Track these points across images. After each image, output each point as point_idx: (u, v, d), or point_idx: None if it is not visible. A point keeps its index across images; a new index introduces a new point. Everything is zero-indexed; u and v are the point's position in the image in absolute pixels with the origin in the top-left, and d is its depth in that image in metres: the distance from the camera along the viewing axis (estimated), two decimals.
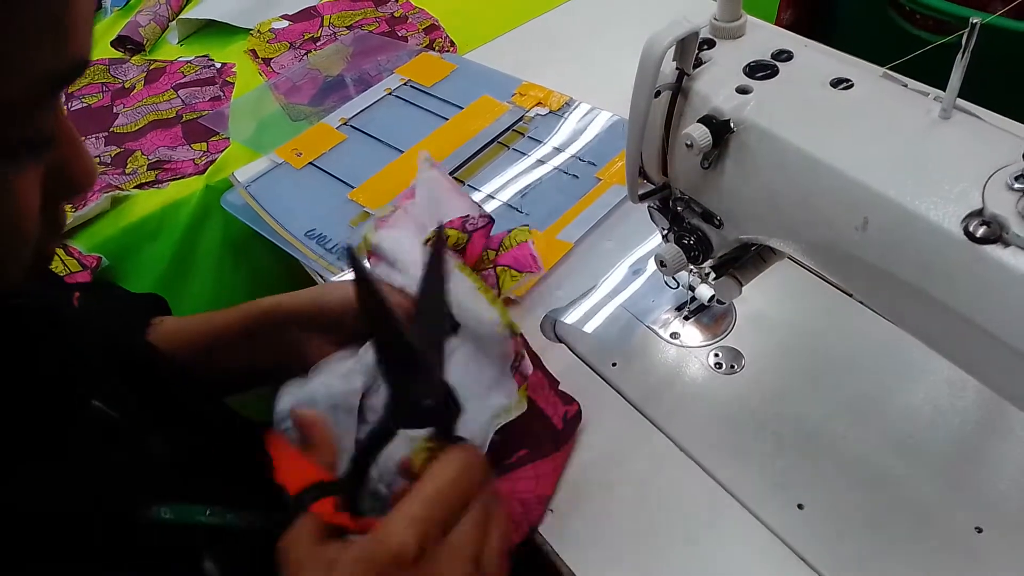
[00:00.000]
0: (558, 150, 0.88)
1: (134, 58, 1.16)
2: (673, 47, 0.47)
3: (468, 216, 0.61)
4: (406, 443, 0.42)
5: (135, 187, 0.91)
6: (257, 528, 0.47)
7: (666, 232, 0.58)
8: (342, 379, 0.59)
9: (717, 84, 0.48)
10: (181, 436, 0.46)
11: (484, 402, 0.57)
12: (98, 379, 0.42)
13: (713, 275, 0.59)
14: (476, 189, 0.85)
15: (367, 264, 0.64)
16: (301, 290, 0.63)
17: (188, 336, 0.60)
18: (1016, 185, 0.37)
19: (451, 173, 0.86)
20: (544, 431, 0.60)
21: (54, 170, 0.32)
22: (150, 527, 0.40)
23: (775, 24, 1.36)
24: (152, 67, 1.12)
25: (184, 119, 1.01)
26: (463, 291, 0.57)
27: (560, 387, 0.63)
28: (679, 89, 0.49)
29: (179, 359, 0.58)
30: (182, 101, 1.04)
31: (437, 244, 0.47)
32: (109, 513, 0.37)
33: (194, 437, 0.48)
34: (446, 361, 0.45)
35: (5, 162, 0.28)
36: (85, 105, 1.06)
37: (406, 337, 0.42)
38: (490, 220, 0.63)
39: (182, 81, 1.08)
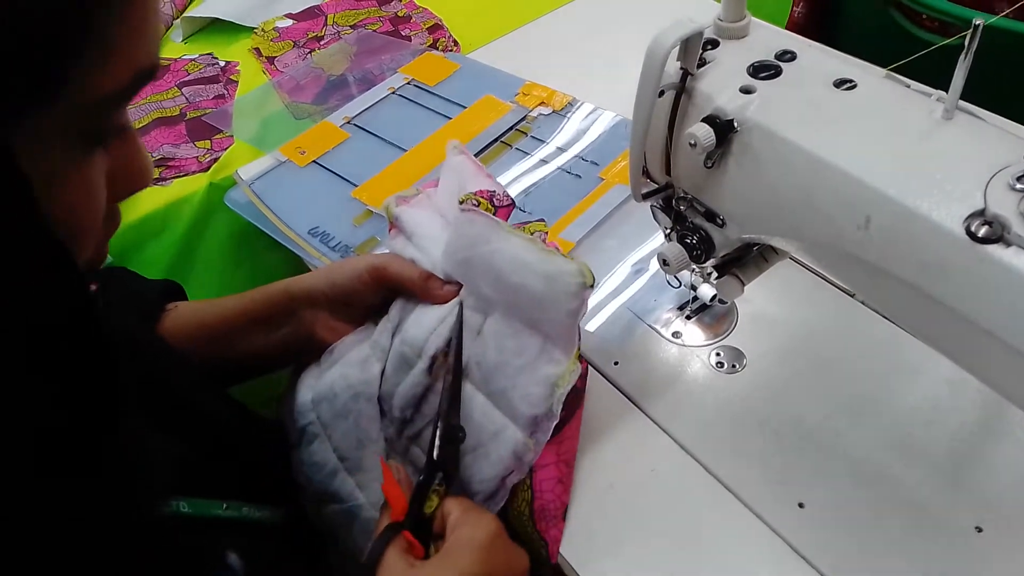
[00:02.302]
0: (561, 150, 0.89)
1: None
2: (677, 47, 0.47)
3: (495, 192, 0.61)
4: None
5: None
6: (272, 522, 0.47)
7: (669, 231, 0.58)
8: (359, 367, 0.60)
9: (721, 84, 0.48)
10: (195, 432, 0.47)
11: (534, 374, 0.55)
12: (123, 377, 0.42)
13: (715, 274, 0.59)
14: None
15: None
16: (309, 273, 0.64)
17: (202, 322, 0.61)
18: (1018, 185, 0.37)
19: None
20: (572, 392, 0.59)
21: (115, 169, 0.33)
22: (170, 521, 0.40)
23: (788, 18, 1.37)
24: None
25: (188, 117, 1.01)
26: (522, 249, 0.55)
27: None
28: (683, 89, 0.50)
29: (195, 346, 0.59)
30: (186, 99, 1.05)
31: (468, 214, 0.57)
32: (129, 507, 0.37)
33: (208, 433, 0.48)
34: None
35: (84, 147, 0.30)
36: None
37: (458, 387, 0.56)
38: (512, 203, 0.63)
39: (186, 79, 1.08)
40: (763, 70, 0.48)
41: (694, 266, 0.58)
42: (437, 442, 0.54)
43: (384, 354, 0.60)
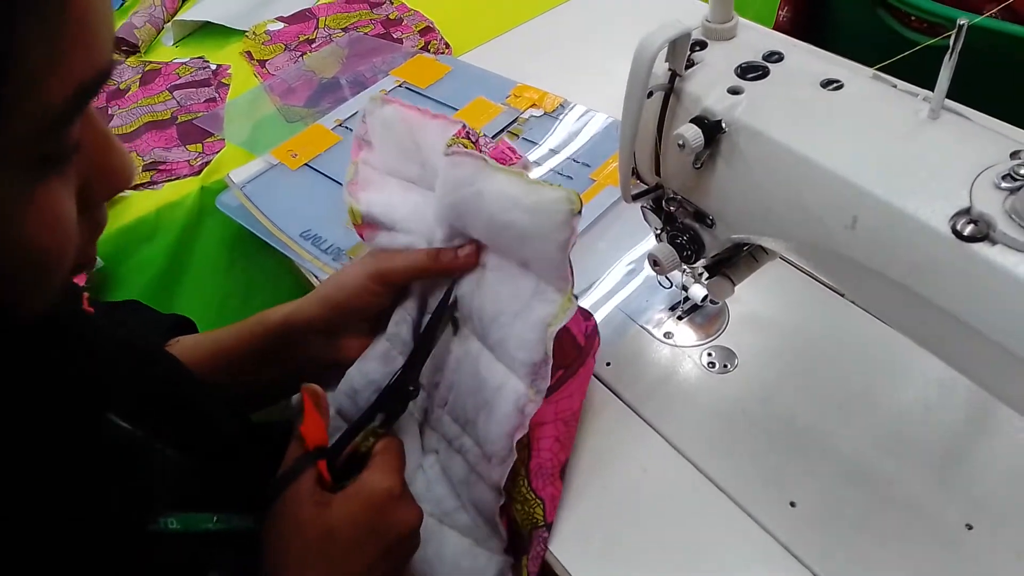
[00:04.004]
0: (553, 152, 0.89)
1: (129, 59, 1.16)
2: (665, 48, 0.47)
3: (464, 127, 0.59)
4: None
5: (130, 188, 0.91)
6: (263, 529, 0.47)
7: (659, 232, 0.59)
8: (380, 361, 0.58)
9: (709, 85, 0.48)
10: (193, 444, 0.46)
11: (528, 317, 0.54)
12: (112, 388, 0.42)
13: (706, 275, 0.59)
14: None
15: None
16: (305, 297, 0.61)
17: (202, 356, 0.59)
18: (1003, 184, 0.37)
19: None
20: (572, 349, 0.57)
21: (91, 171, 0.31)
22: (156, 539, 0.40)
23: (774, 21, 1.37)
24: (147, 68, 1.12)
25: (179, 120, 1.01)
26: (508, 184, 0.53)
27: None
28: (671, 90, 0.50)
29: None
30: (177, 103, 1.05)
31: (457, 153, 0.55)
32: (115, 526, 0.36)
33: (206, 445, 0.48)
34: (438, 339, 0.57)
35: (33, 176, 0.28)
36: None
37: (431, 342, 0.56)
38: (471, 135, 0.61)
39: (177, 82, 1.08)
40: (751, 71, 0.48)
41: (685, 267, 0.58)
42: (388, 383, 0.55)
43: (405, 346, 0.59)
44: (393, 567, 0.50)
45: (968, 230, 0.37)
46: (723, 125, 0.47)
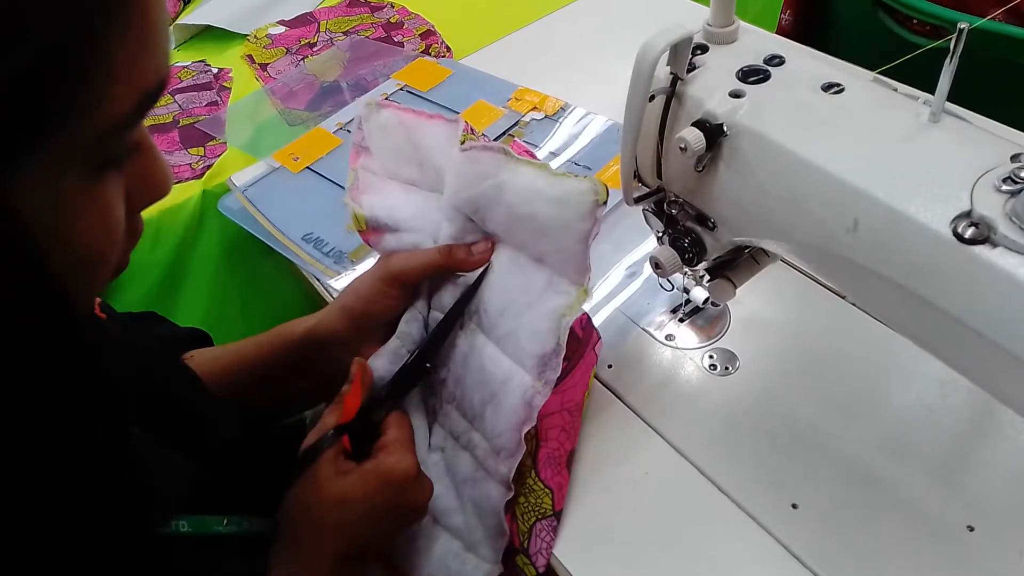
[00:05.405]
0: (554, 155, 0.89)
1: None
2: (667, 52, 0.48)
3: (467, 125, 0.59)
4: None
5: None
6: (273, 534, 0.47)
7: (661, 235, 0.59)
8: (389, 359, 0.58)
9: (710, 88, 0.48)
10: (197, 451, 0.46)
11: (540, 308, 0.54)
12: (125, 395, 0.42)
13: (707, 277, 0.59)
14: None
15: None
16: (325, 309, 0.61)
17: (222, 370, 0.59)
18: (1004, 187, 0.37)
19: None
20: (572, 341, 0.58)
21: (133, 179, 0.32)
22: (167, 541, 0.40)
23: (776, 25, 1.37)
24: None
25: (181, 124, 1.01)
26: (533, 177, 0.53)
27: None
28: (673, 93, 0.50)
29: (216, 393, 0.56)
30: (179, 106, 1.05)
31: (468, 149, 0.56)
32: (127, 528, 0.37)
33: (209, 451, 0.48)
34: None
35: (92, 178, 0.29)
36: None
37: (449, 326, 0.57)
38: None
39: (179, 86, 1.08)
40: (752, 74, 0.48)
41: (686, 269, 0.58)
42: (404, 363, 0.56)
43: (415, 344, 0.59)
44: (399, 532, 0.54)
45: (969, 233, 0.37)
46: (725, 128, 0.47)
